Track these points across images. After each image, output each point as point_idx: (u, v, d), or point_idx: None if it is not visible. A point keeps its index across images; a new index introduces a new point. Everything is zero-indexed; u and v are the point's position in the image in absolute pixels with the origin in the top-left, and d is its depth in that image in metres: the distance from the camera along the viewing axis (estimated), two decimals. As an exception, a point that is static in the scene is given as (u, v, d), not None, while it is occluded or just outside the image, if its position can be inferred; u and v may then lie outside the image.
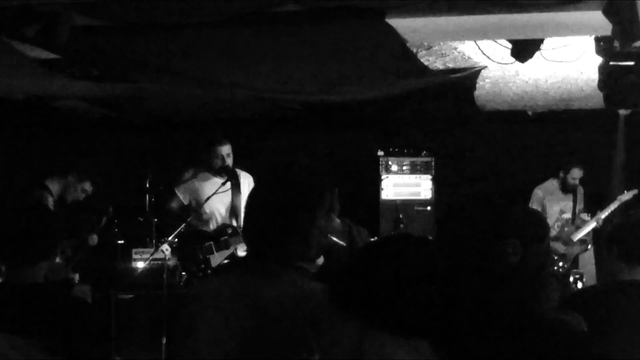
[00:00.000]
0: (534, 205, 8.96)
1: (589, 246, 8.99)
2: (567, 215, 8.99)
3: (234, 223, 7.28)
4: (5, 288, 3.31)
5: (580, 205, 9.11)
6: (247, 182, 7.43)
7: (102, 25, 4.84)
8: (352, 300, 2.11)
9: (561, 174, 8.98)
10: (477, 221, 2.28)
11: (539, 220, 2.35)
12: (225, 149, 7.21)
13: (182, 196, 7.32)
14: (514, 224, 2.26)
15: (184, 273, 7.52)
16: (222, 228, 7.23)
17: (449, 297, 2.18)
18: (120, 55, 5.76)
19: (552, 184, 9.09)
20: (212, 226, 7.29)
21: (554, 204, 9.02)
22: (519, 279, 2.21)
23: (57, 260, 7.30)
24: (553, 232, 8.89)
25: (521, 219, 2.28)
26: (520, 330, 2.16)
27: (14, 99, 7.75)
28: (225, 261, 7.16)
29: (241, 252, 7.21)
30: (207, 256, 7.11)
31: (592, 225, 8.69)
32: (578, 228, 8.86)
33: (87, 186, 7.86)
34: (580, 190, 9.13)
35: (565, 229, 8.91)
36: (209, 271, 7.09)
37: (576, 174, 8.89)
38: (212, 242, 7.16)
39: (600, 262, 8.81)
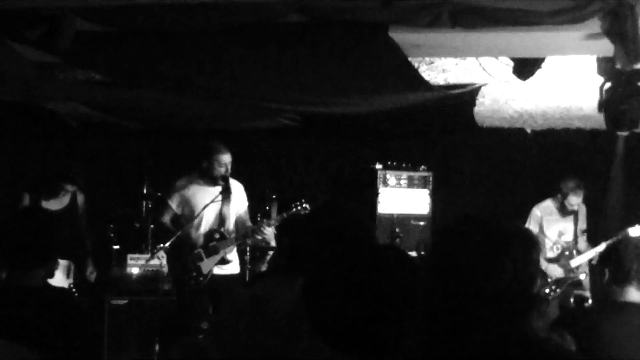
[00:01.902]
0: (532, 225, 8.82)
1: (587, 272, 8.86)
2: (567, 237, 8.83)
3: (223, 228, 7.28)
4: (3, 291, 3.31)
5: (582, 226, 8.96)
6: (237, 190, 7.43)
7: (105, 31, 4.85)
8: (326, 328, 2.12)
9: (559, 197, 8.82)
10: (468, 240, 2.27)
11: (528, 238, 2.34)
12: (227, 158, 7.21)
13: (175, 206, 7.28)
14: (505, 243, 2.25)
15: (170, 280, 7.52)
16: (210, 234, 7.22)
17: (431, 316, 2.19)
18: (122, 61, 5.77)
19: (551, 204, 8.92)
20: (201, 233, 7.27)
21: (552, 225, 8.85)
22: (510, 298, 2.20)
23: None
24: (551, 254, 8.81)
25: (512, 238, 2.27)
26: (507, 350, 2.16)
27: (12, 101, 7.74)
28: (216, 267, 7.16)
29: (229, 256, 7.22)
30: (198, 264, 7.11)
31: (592, 254, 8.51)
32: (579, 253, 8.75)
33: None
34: (582, 210, 8.92)
35: (566, 253, 8.78)
36: (201, 278, 7.08)
37: (574, 200, 8.66)
38: (200, 250, 7.15)
39: (594, 284, 8.77)
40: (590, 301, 8.66)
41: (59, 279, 7.30)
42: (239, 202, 7.43)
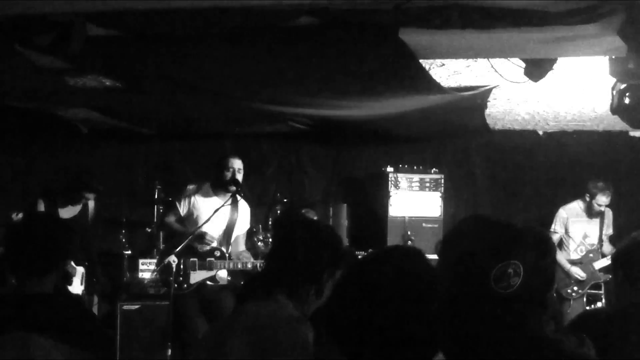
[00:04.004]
0: (557, 226, 8.82)
1: (609, 276, 8.78)
2: (591, 240, 8.77)
3: (225, 243, 7.31)
4: (14, 298, 3.30)
5: (608, 230, 8.88)
6: (244, 210, 7.45)
7: (115, 36, 4.84)
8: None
9: (587, 198, 8.74)
10: (479, 242, 2.25)
11: (542, 241, 2.32)
12: (237, 163, 7.21)
13: (181, 209, 7.29)
14: (516, 244, 2.23)
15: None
16: (212, 250, 7.22)
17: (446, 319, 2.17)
18: (133, 66, 5.77)
19: (578, 205, 8.84)
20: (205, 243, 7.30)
21: (577, 226, 8.81)
22: (521, 300, 2.18)
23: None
24: (575, 256, 8.76)
25: (523, 240, 2.25)
26: (518, 351, 2.14)
27: (23, 108, 7.75)
28: (208, 282, 7.18)
29: (222, 275, 7.22)
30: (189, 271, 7.11)
31: None
32: (604, 256, 8.68)
33: None
34: (609, 214, 8.88)
35: (590, 255, 8.74)
36: (185, 286, 7.09)
37: (602, 201, 8.59)
38: (196, 260, 7.16)
39: (608, 285, 8.72)
40: (603, 300, 8.64)
41: (76, 286, 7.34)
42: (243, 222, 7.46)
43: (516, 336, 2.16)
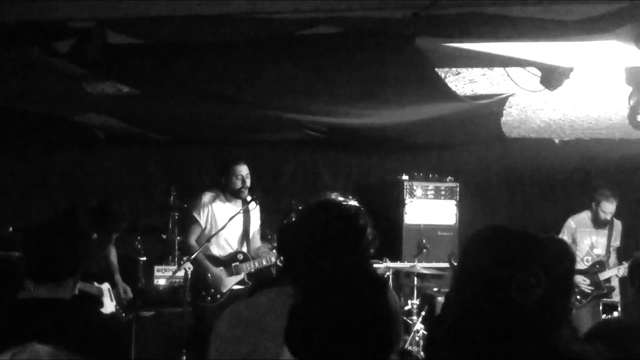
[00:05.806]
0: (565, 236, 8.74)
1: (616, 289, 8.71)
2: (598, 251, 8.70)
3: (244, 247, 7.35)
4: (31, 303, 3.32)
5: (615, 242, 8.83)
6: (254, 209, 7.49)
7: (134, 44, 4.87)
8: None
9: (593, 206, 8.69)
10: (499, 252, 2.25)
11: (564, 251, 2.31)
12: (244, 169, 7.24)
13: (202, 221, 7.29)
14: (537, 254, 2.22)
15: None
16: (234, 254, 7.28)
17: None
18: (151, 73, 5.80)
19: (586, 215, 8.77)
20: (224, 250, 7.31)
21: (585, 237, 8.74)
22: (543, 310, 2.18)
23: None
24: (581, 266, 8.70)
25: (546, 250, 2.24)
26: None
27: (40, 113, 7.79)
28: (236, 286, 7.20)
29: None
30: (217, 282, 7.15)
31: (623, 269, 8.15)
32: (610, 268, 8.61)
33: None
34: (617, 226, 8.82)
35: (597, 266, 8.67)
36: (218, 296, 7.13)
37: (607, 207, 8.52)
38: (223, 268, 7.20)
39: (624, 294, 8.66)
40: (619, 309, 8.57)
41: (108, 305, 7.34)
42: (255, 221, 7.50)
43: (538, 347, 2.16)
